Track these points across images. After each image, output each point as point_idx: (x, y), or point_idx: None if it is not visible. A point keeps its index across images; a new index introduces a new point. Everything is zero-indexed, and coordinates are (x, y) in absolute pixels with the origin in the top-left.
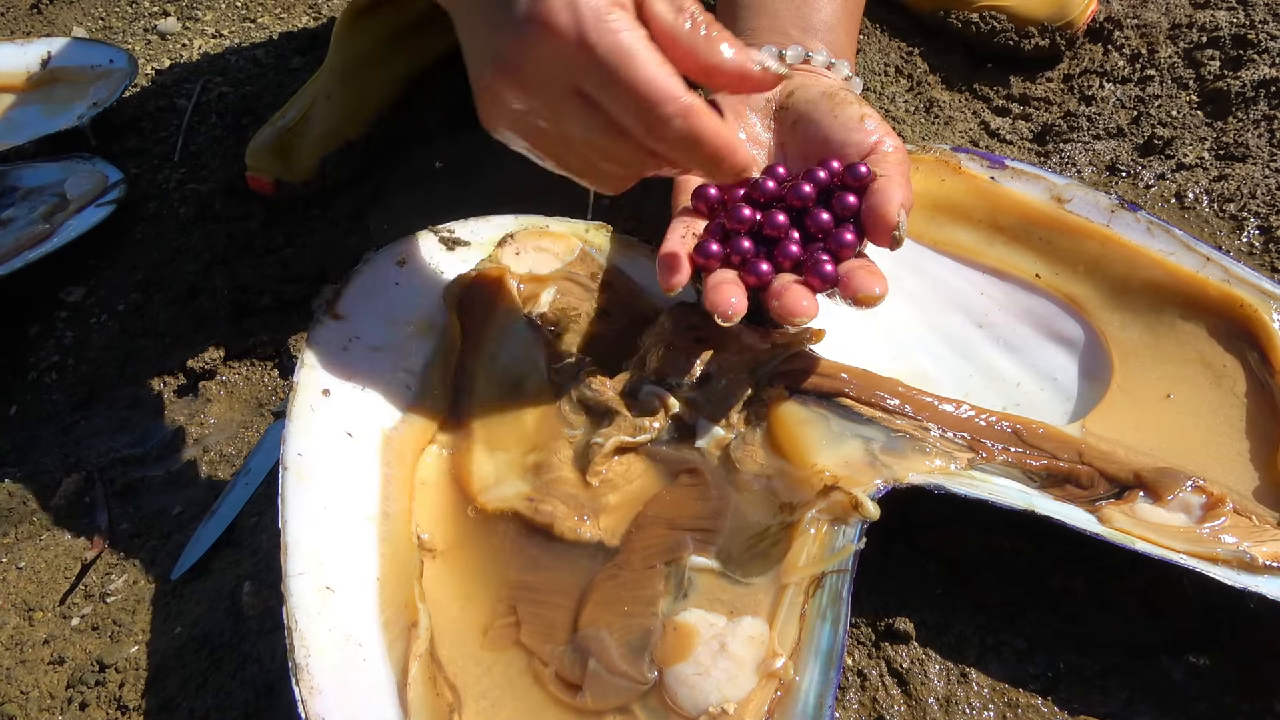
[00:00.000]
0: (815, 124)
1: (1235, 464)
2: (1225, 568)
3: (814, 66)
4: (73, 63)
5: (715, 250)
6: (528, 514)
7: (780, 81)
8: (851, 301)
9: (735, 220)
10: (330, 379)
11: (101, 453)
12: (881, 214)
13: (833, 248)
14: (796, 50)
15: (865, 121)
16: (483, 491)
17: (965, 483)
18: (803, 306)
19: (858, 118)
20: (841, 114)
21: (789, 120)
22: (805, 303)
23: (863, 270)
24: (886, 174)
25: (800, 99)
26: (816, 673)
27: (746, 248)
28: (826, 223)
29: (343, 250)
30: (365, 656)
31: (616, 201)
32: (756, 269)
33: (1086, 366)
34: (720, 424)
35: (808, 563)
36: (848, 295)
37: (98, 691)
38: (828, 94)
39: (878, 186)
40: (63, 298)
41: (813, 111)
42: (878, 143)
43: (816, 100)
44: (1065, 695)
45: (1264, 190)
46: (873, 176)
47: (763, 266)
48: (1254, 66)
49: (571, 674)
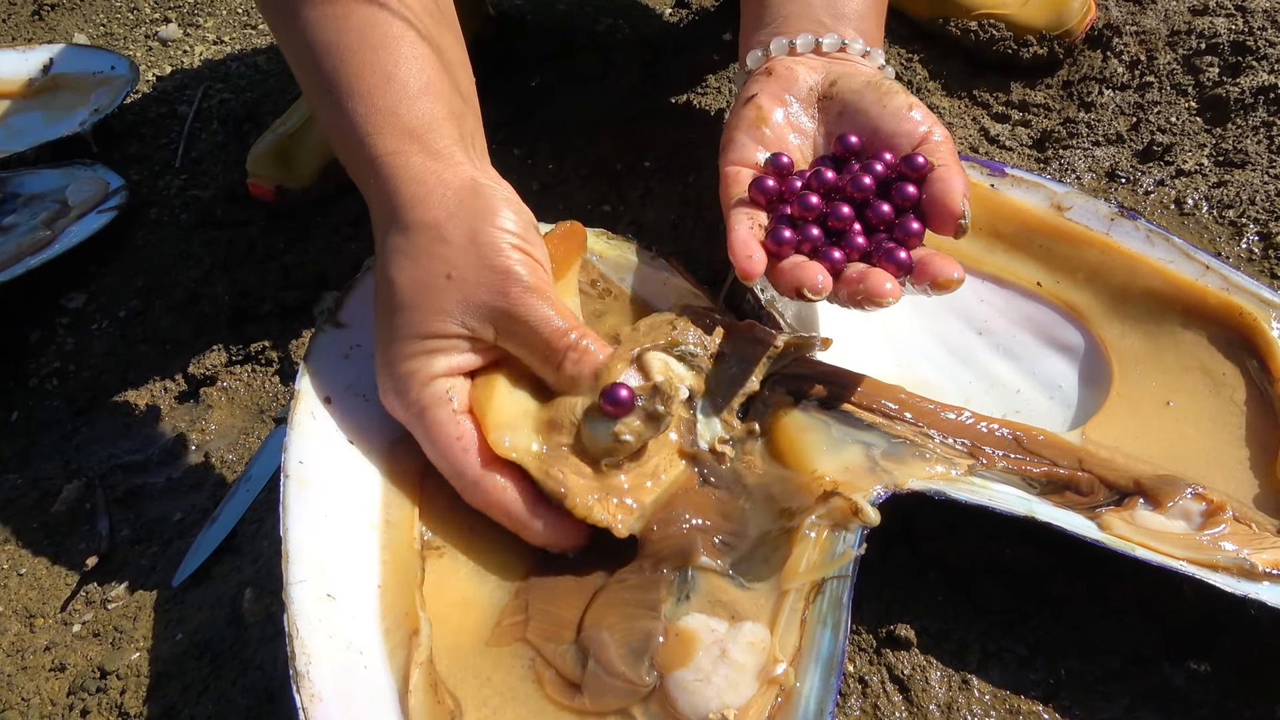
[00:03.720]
0: (863, 114)
1: (1235, 471)
2: (1225, 575)
3: (850, 55)
4: (74, 69)
5: (789, 237)
6: (539, 477)
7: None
8: (929, 287)
9: (803, 207)
10: (332, 387)
11: (102, 459)
12: (946, 203)
13: (899, 237)
14: (833, 38)
15: (913, 111)
16: (495, 429)
17: (966, 489)
18: (887, 289)
19: (906, 107)
20: (890, 104)
21: (834, 110)
22: (889, 284)
23: (936, 257)
24: (944, 163)
25: (845, 88)
26: (817, 679)
27: (816, 235)
28: (888, 214)
29: (344, 257)
30: (366, 664)
31: (617, 208)
32: (829, 256)
33: (1086, 374)
34: (723, 417)
35: (808, 568)
36: (924, 280)
37: (99, 698)
38: (873, 84)
39: (938, 175)
40: (64, 304)
41: (859, 101)
42: (927, 133)
43: (862, 90)
44: (1067, 701)
45: (1263, 196)
46: (930, 167)
47: (835, 254)
48: (1253, 73)
49: (572, 674)
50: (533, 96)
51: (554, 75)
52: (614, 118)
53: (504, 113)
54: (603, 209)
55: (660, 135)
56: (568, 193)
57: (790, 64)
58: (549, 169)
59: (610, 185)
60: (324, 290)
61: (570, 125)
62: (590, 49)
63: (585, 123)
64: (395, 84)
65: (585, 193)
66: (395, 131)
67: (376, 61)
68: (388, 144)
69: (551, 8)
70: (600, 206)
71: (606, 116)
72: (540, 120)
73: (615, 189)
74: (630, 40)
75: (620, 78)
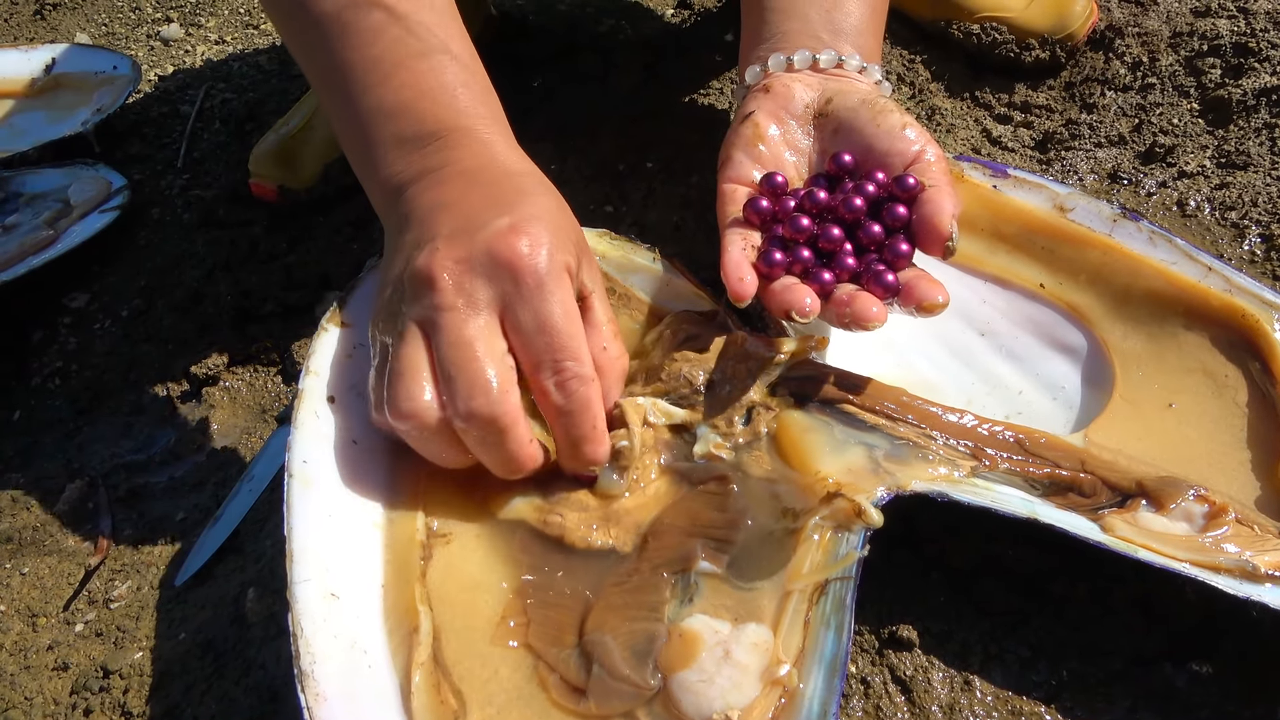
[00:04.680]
0: (857, 132)
1: (1237, 473)
2: (1227, 577)
3: (847, 71)
4: (77, 69)
5: (780, 259)
6: (537, 525)
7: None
8: (915, 310)
9: (794, 229)
10: (335, 386)
11: (105, 459)
12: (935, 224)
13: (888, 258)
14: (830, 54)
15: (907, 130)
16: (491, 500)
17: (968, 490)
18: (873, 312)
19: (900, 126)
20: (884, 123)
21: (829, 128)
22: (875, 309)
23: (923, 279)
24: (935, 184)
25: (840, 106)
26: (820, 680)
27: (807, 257)
28: (878, 235)
29: (346, 256)
30: (370, 663)
31: (619, 208)
32: (819, 277)
33: (1089, 375)
34: (722, 430)
35: (812, 570)
36: (910, 304)
37: (102, 697)
38: (868, 102)
39: (928, 197)
40: (66, 304)
41: (854, 120)
42: (920, 152)
43: (857, 108)
44: (1069, 703)
45: (1265, 198)
46: (921, 187)
47: (825, 275)
48: (1255, 74)
49: (577, 679)
50: (534, 97)
51: (556, 76)
52: (616, 118)
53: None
54: (605, 210)
55: (662, 136)
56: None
57: (787, 81)
58: (551, 169)
59: (612, 186)
60: (326, 290)
61: (572, 126)
62: (592, 50)
63: (587, 123)
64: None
65: (587, 193)
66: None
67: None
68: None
69: (553, 8)
70: (603, 207)
71: (608, 117)
72: (542, 121)
73: (617, 190)
74: (632, 41)
75: (622, 78)
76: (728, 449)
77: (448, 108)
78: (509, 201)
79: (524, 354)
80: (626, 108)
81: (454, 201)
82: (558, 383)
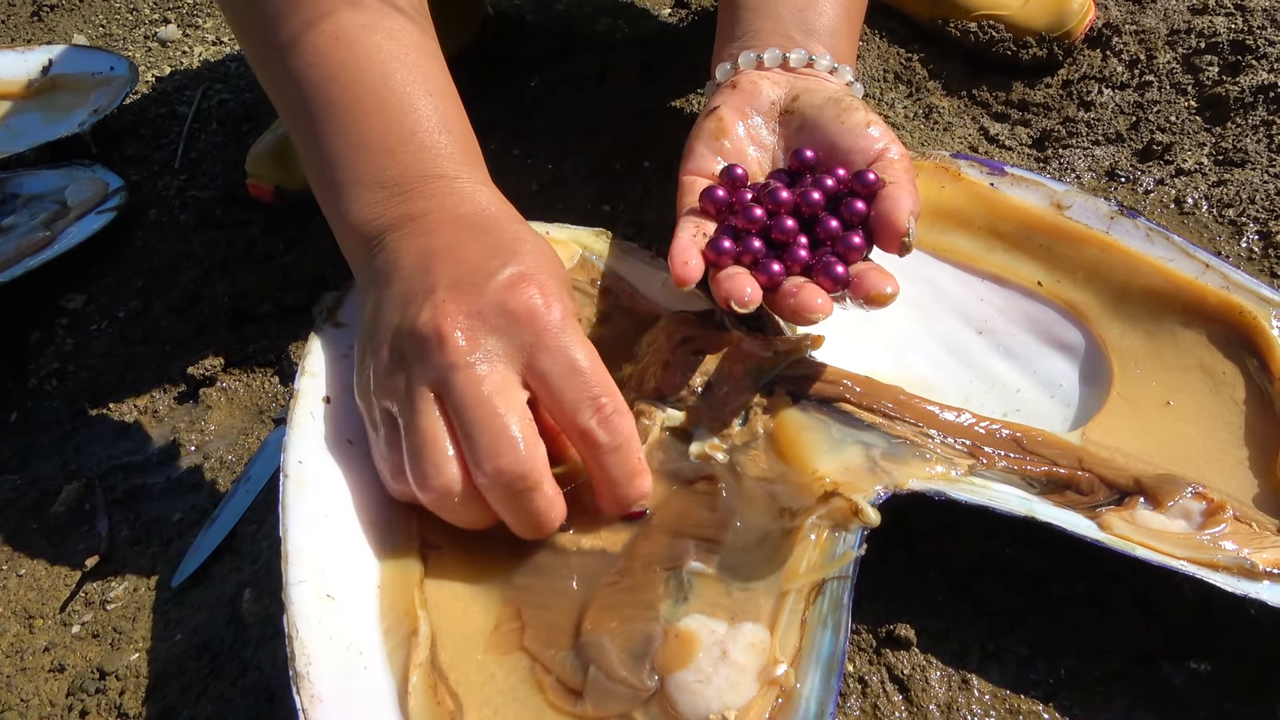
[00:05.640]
0: (822, 129)
1: (1235, 471)
2: (1226, 574)
3: (817, 71)
4: (73, 70)
5: (728, 247)
6: None
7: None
8: (863, 302)
9: (747, 219)
10: (331, 386)
11: (101, 459)
12: (891, 220)
13: (841, 250)
14: (800, 54)
15: (871, 128)
16: None
17: (966, 489)
18: (818, 304)
19: (864, 124)
20: (848, 120)
21: (794, 124)
22: (820, 300)
23: (873, 271)
24: (895, 180)
25: (806, 104)
26: (818, 680)
27: (758, 247)
28: (835, 229)
29: (342, 258)
30: (366, 664)
31: (616, 208)
32: (768, 268)
33: (1086, 373)
34: (719, 431)
35: (808, 569)
36: (859, 296)
37: (98, 699)
38: (833, 99)
39: (887, 193)
40: (63, 305)
41: (819, 117)
42: (884, 149)
43: (822, 106)
44: (1067, 701)
45: (1263, 195)
46: (881, 184)
47: (774, 266)
48: (1252, 72)
49: (573, 681)
50: (532, 96)
51: (553, 75)
52: (613, 117)
53: (503, 113)
54: (602, 209)
55: (659, 135)
56: (567, 193)
57: (755, 78)
58: (548, 169)
59: (610, 185)
60: (323, 291)
61: (569, 125)
62: (589, 49)
63: (584, 123)
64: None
65: (585, 193)
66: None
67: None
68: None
69: (550, 8)
70: (600, 206)
71: (606, 116)
72: (539, 120)
73: (615, 189)
74: (629, 40)
75: (619, 78)
76: (724, 449)
77: (429, 152)
78: (508, 249)
79: (556, 400)
80: (624, 107)
81: (445, 250)
82: (600, 420)
